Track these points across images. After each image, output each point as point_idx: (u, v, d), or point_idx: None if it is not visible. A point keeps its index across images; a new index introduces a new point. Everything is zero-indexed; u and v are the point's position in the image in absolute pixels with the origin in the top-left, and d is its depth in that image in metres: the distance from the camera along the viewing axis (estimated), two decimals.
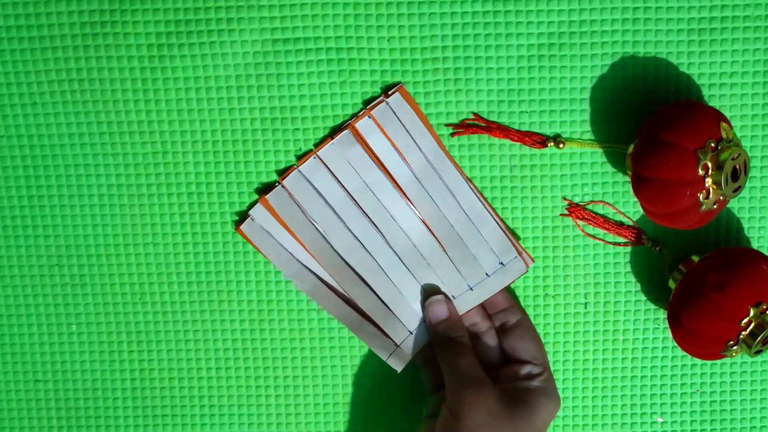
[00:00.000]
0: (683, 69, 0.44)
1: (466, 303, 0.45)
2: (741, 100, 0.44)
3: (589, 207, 0.45)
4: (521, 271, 0.45)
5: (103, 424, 0.47)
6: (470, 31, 0.43)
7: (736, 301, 0.40)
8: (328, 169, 0.44)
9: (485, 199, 0.45)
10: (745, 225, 0.45)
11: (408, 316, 0.45)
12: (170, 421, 0.47)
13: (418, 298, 0.45)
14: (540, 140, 0.44)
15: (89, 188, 0.45)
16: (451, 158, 0.44)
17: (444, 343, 0.43)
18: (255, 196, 0.45)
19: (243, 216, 0.45)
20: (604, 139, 0.44)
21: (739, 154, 0.40)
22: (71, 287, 0.46)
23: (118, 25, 0.44)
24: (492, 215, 0.44)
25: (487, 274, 0.45)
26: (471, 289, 0.45)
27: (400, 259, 0.45)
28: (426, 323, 0.45)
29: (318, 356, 0.47)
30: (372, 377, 0.47)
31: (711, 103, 0.44)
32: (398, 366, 0.45)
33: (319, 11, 0.43)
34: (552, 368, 0.46)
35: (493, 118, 0.44)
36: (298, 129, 0.44)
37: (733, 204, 0.45)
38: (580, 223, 0.45)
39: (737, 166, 0.40)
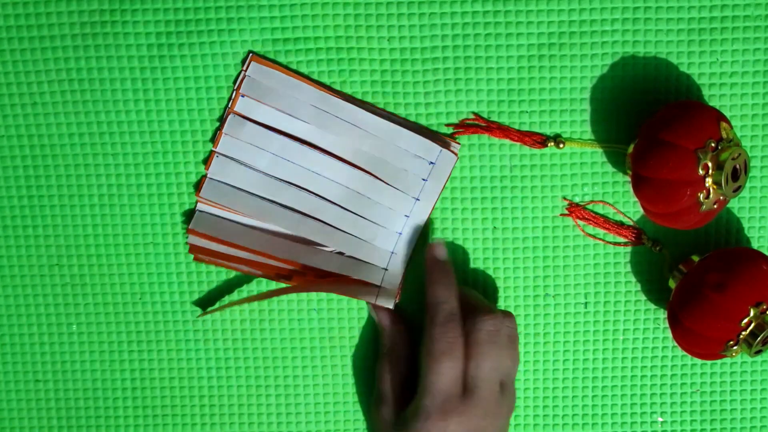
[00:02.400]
0: (683, 69, 0.44)
1: (421, 214, 0.45)
2: (741, 100, 0.44)
3: (589, 207, 0.45)
4: (453, 159, 0.44)
5: (103, 424, 0.47)
6: (470, 31, 0.43)
7: (736, 301, 0.40)
8: (234, 160, 0.44)
9: (389, 112, 0.44)
10: (745, 225, 0.45)
11: (377, 256, 0.45)
12: (170, 421, 0.47)
13: (377, 235, 0.45)
14: (540, 140, 0.44)
15: (89, 188, 0.45)
16: (336, 93, 0.44)
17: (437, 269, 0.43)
18: None
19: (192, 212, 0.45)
20: (604, 139, 0.44)
21: (739, 154, 0.40)
22: (71, 287, 0.46)
23: (118, 25, 0.43)
24: (400, 125, 0.44)
25: (424, 179, 0.44)
26: (418, 199, 0.44)
27: (344, 208, 0.44)
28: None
29: (318, 356, 0.47)
30: (372, 377, 0.47)
31: (711, 103, 0.44)
32: (389, 303, 0.44)
33: (319, 11, 0.43)
34: (552, 368, 0.46)
35: (493, 118, 0.44)
36: None
37: (733, 204, 0.45)
38: (580, 223, 0.45)
39: (737, 166, 0.40)
